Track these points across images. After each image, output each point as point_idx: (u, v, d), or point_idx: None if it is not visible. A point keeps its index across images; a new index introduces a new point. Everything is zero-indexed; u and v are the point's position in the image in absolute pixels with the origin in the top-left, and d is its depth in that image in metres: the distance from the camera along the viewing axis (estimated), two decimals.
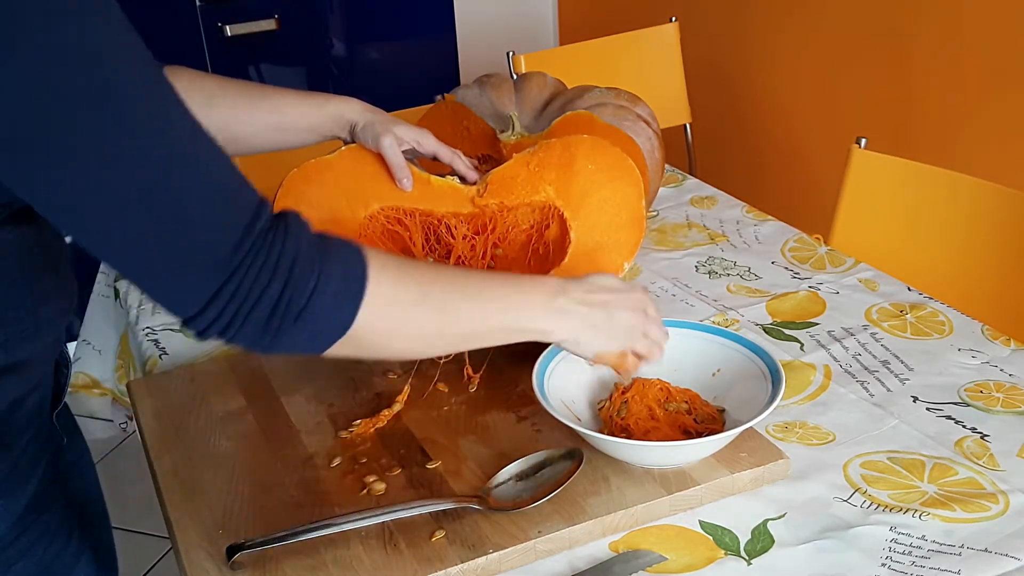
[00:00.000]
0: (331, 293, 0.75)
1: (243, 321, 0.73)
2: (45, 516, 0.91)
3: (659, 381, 1.02)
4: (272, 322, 0.74)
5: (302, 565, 0.87)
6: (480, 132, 1.31)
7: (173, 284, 0.72)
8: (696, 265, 1.42)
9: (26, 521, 0.88)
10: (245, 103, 1.10)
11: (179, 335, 1.31)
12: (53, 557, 0.92)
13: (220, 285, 0.71)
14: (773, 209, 1.61)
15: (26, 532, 0.89)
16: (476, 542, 0.88)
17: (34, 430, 0.90)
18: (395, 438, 1.03)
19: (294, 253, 0.74)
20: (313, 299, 0.74)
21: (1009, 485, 0.95)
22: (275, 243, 0.73)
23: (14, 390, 0.85)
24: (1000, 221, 1.47)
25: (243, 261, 0.71)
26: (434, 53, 3.04)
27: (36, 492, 0.89)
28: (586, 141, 1.14)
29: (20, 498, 0.88)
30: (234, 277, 0.71)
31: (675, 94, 2.49)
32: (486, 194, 1.14)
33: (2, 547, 0.87)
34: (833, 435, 1.04)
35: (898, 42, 2.16)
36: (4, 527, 0.86)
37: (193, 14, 2.64)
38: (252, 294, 0.72)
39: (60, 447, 0.97)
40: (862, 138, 1.64)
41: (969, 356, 1.17)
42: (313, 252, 0.75)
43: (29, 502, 0.88)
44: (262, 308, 0.73)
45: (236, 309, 0.72)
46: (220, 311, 0.72)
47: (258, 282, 0.72)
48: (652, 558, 0.88)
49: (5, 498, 0.86)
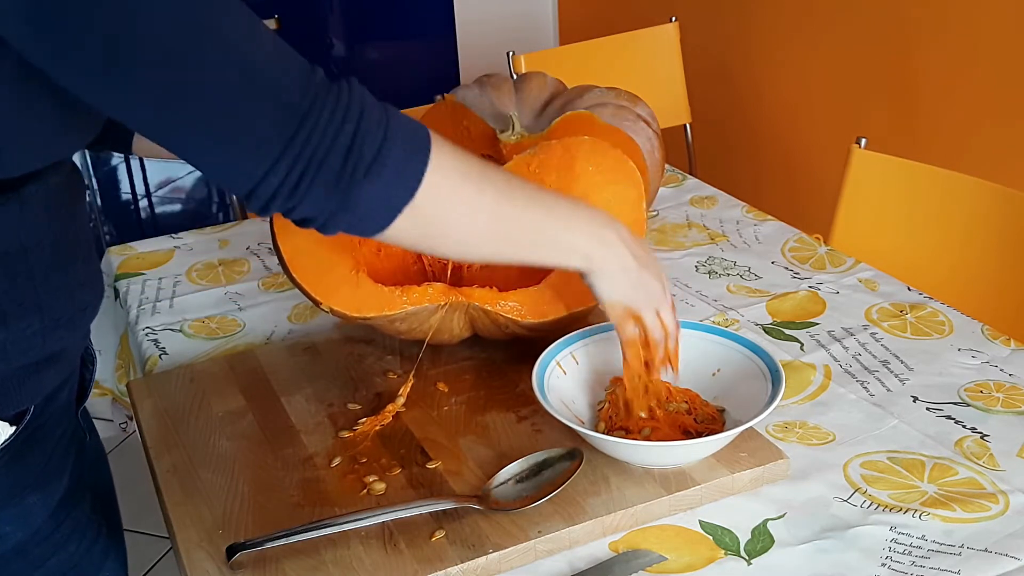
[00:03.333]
0: (400, 145, 0.74)
1: (315, 174, 0.71)
2: (75, 512, 0.93)
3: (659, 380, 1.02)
4: (343, 176, 0.72)
5: (302, 565, 0.87)
6: (480, 132, 1.31)
7: (245, 141, 0.70)
8: (696, 265, 1.42)
9: (60, 515, 0.91)
10: None
11: (179, 335, 1.31)
12: (84, 552, 0.94)
13: (294, 131, 0.70)
14: (773, 209, 1.61)
15: (60, 527, 0.91)
16: (476, 542, 0.88)
17: (64, 425, 0.93)
18: (395, 438, 1.03)
19: (361, 101, 0.73)
20: (384, 149, 0.73)
21: (1009, 485, 0.95)
22: (342, 92, 0.72)
23: (51, 382, 0.87)
24: (1000, 221, 1.47)
25: (313, 105, 0.70)
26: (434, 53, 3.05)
27: (68, 487, 0.92)
28: (586, 143, 1.14)
29: (55, 491, 0.90)
30: (304, 126, 0.70)
31: (675, 94, 2.49)
32: None
33: (38, 541, 0.89)
34: (833, 435, 1.04)
35: (898, 42, 2.16)
36: (41, 520, 0.89)
37: None
38: (323, 142, 0.71)
39: (84, 444, 1.00)
40: (862, 138, 1.65)
41: (969, 356, 1.17)
42: (378, 105, 0.75)
43: (62, 496, 0.91)
44: (334, 158, 0.71)
45: (307, 161, 0.71)
46: (291, 165, 0.70)
47: (330, 128, 0.71)
48: (652, 558, 0.88)
49: (42, 491, 0.88)
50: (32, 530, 0.88)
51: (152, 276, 1.48)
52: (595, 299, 0.95)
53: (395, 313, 1.07)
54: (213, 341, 1.29)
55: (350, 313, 1.08)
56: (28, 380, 0.84)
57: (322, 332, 1.26)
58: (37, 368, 0.84)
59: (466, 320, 1.12)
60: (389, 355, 1.18)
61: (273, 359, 1.19)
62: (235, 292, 1.42)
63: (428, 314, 1.09)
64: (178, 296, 1.41)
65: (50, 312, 0.82)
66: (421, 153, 0.76)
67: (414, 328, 1.11)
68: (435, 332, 1.12)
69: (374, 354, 1.19)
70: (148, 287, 1.44)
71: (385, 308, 1.07)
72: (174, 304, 1.39)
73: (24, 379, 0.84)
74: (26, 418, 0.85)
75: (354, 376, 1.15)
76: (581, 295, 1.07)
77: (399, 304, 1.07)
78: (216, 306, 1.38)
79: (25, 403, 0.85)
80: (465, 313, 1.10)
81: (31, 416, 0.86)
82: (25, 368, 0.83)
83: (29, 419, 0.85)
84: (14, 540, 0.87)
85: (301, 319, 1.33)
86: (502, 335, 1.13)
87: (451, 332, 1.13)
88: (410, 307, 1.07)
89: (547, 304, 1.08)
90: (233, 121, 0.70)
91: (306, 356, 1.20)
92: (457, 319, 1.11)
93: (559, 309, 1.08)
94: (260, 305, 1.38)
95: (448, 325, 1.11)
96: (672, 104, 2.47)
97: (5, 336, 0.80)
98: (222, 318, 1.35)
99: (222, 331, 1.32)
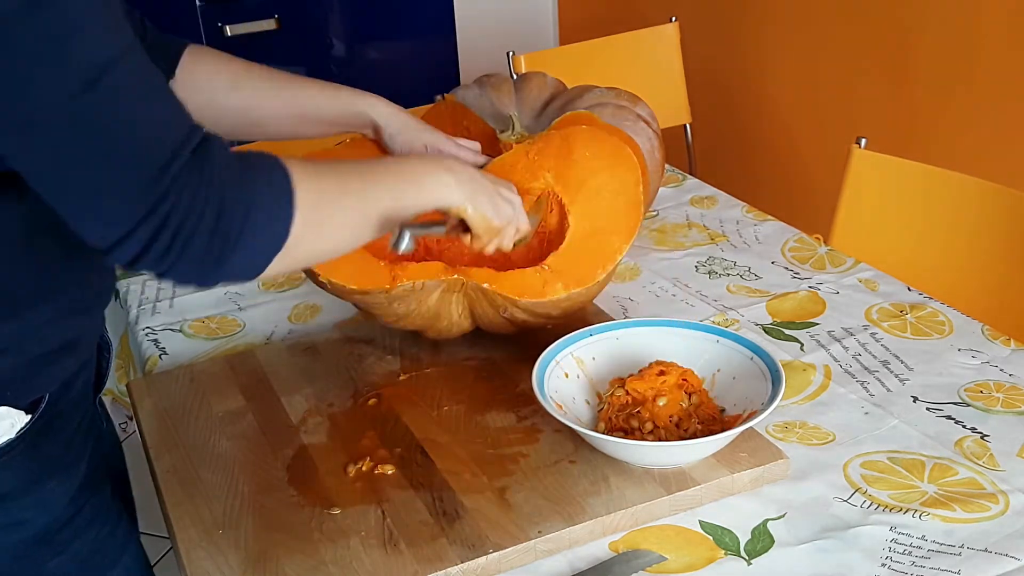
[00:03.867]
0: (264, 213, 0.76)
1: (182, 249, 0.71)
2: (96, 498, 0.95)
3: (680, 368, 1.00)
4: (211, 251, 0.73)
5: (302, 565, 0.87)
6: (480, 132, 1.31)
7: (98, 203, 0.70)
8: (696, 265, 1.42)
9: (80, 501, 0.92)
10: (268, 89, 1.10)
11: (179, 335, 1.31)
12: (105, 538, 0.96)
13: (153, 205, 0.69)
14: (773, 209, 1.61)
15: (80, 512, 0.92)
16: (476, 542, 0.88)
17: (82, 412, 0.95)
18: (395, 438, 1.03)
19: (222, 173, 0.73)
20: (249, 221, 0.74)
21: (1009, 485, 0.95)
22: (204, 164, 0.72)
23: (67, 370, 0.89)
24: (1000, 221, 1.47)
25: (175, 180, 0.70)
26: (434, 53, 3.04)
27: (87, 472, 0.93)
28: (584, 131, 1.16)
29: (74, 477, 0.92)
30: (167, 198, 0.70)
31: (675, 94, 2.49)
32: None
33: (60, 526, 0.91)
34: (833, 435, 1.04)
35: (899, 42, 2.16)
36: (62, 504, 0.90)
37: (193, 14, 2.64)
38: (190, 219, 0.71)
39: (102, 432, 1.02)
40: (862, 138, 1.64)
41: (969, 356, 1.17)
42: (238, 171, 0.75)
43: (82, 482, 0.92)
44: (200, 236, 0.72)
45: (172, 235, 0.71)
46: (152, 235, 0.70)
47: (194, 206, 0.71)
48: (652, 558, 0.88)
49: (61, 476, 0.90)
50: (53, 516, 0.90)
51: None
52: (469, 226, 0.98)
53: (394, 291, 1.07)
54: (213, 341, 1.29)
55: (348, 285, 1.08)
56: (44, 369, 0.85)
57: (322, 332, 1.26)
58: (53, 357, 0.86)
59: (465, 305, 1.12)
60: (389, 355, 1.18)
61: (273, 359, 1.19)
62: (235, 292, 1.42)
63: (427, 293, 1.09)
64: (178, 296, 1.41)
65: (64, 300, 0.83)
66: (285, 207, 0.77)
67: (412, 311, 1.11)
68: (434, 320, 1.12)
69: (374, 354, 1.19)
70: (148, 287, 1.44)
71: (383, 282, 1.07)
72: (174, 304, 1.39)
73: (40, 368, 0.85)
74: (41, 406, 0.87)
75: (354, 376, 1.15)
76: (580, 276, 1.08)
77: (398, 279, 1.07)
78: (216, 306, 1.38)
79: (41, 392, 0.87)
80: (464, 295, 1.11)
81: (47, 404, 0.87)
82: (41, 357, 0.84)
83: (45, 407, 0.87)
84: (36, 526, 0.89)
85: (301, 319, 1.33)
86: (501, 323, 1.13)
87: (450, 319, 1.13)
88: (407, 282, 1.07)
89: (545, 284, 1.08)
90: (91, 184, 0.70)
91: (306, 356, 1.20)
92: (456, 303, 1.11)
93: (557, 289, 1.08)
94: (260, 305, 1.38)
95: (447, 310, 1.11)
96: (672, 104, 2.47)
97: (19, 326, 0.80)
98: (222, 318, 1.35)
99: (222, 331, 1.32)
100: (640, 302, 1.33)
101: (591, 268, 1.09)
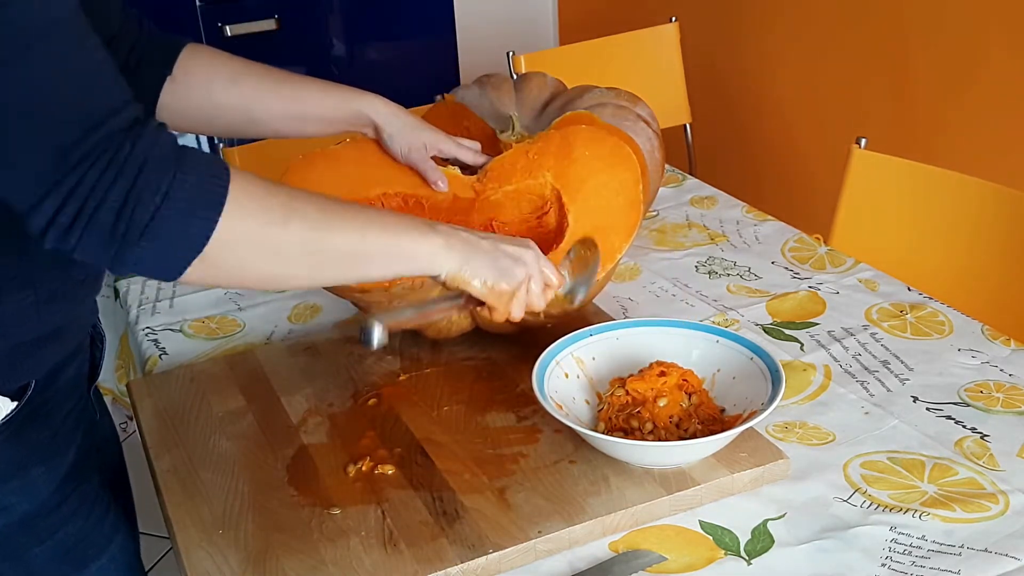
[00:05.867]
0: (183, 206, 0.71)
1: (85, 225, 0.69)
2: (84, 487, 0.95)
3: (681, 369, 1.01)
4: (115, 234, 0.70)
5: (302, 565, 0.87)
6: (480, 132, 1.31)
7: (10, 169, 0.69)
8: (696, 265, 1.42)
9: (66, 489, 0.92)
10: (268, 87, 1.10)
11: (179, 335, 1.31)
12: (93, 527, 0.96)
13: (59, 177, 0.67)
14: (773, 209, 1.61)
15: (67, 500, 0.93)
16: (476, 542, 0.88)
17: (73, 401, 0.95)
18: (395, 438, 1.03)
19: (143, 157, 0.70)
20: (162, 211, 0.70)
21: (1009, 485, 0.95)
22: (124, 144, 0.69)
23: (52, 357, 0.89)
24: (1000, 221, 1.47)
25: (85, 156, 0.68)
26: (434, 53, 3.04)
27: (74, 461, 0.93)
28: (584, 131, 1.16)
29: (60, 465, 0.92)
30: (74, 172, 0.67)
31: (675, 94, 2.49)
32: (486, 181, 1.17)
33: (45, 513, 0.91)
34: (833, 435, 1.04)
35: (898, 43, 2.16)
36: (47, 492, 0.91)
37: (193, 14, 2.64)
38: (94, 196, 0.68)
39: (95, 422, 1.02)
40: (862, 138, 1.64)
41: (969, 356, 1.17)
42: (167, 160, 0.71)
43: (68, 471, 0.93)
44: (104, 214, 0.69)
45: (77, 210, 0.68)
46: (58, 207, 0.68)
47: (100, 184, 0.68)
48: (652, 558, 0.88)
49: (47, 464, 0.90)
50: (38, 503, 0.90)
51: None
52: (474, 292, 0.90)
53: (393, 290, 1.07)
54: (213, 341, 1.29)
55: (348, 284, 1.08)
56: (29, 356, 0.86)
57: (322, 332, 1.26)
58: (38, 344, 0.86)
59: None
60: (389, 355, 1.18)
61: (273, 359, 1.19)
62: (235, 292, 1.42)
63: (426, 292, 1.09)
64: (178, 296, 1.41)
65: (44, 285, 0.83)
66: (208, 208, 0.73)
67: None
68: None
69: (374, 354, 1.19)
70: (148, 287, 1.44)
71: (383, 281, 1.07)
72: (174, 304, 1.39)
73: (25, 355, 0.85)
74: (27, 393, 0.87)
75: (354, 376, 1.15)
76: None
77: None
78: (216, 306, 1.38)
79: (27, 378, 0.87)
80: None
81: (33, 391, 0.88)
82: (25, 344, 0.85)
83: (31, 394, 0.87)
84: (19, 512, 0.89)
85: (301, 319, 1.33)
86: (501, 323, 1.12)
87: (449, 317, 1.13)
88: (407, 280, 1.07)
89: None
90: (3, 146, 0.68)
91: (306, 356, 1.20)
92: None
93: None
94: (260, 305, 1.38)
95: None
96: (672, 104, 2.47)
97: (1, 311, 0.80)
98: (222, 318, 1.35)
99: (222, 331, 1.32)
100: (640, 302, 1.33)
101: None
